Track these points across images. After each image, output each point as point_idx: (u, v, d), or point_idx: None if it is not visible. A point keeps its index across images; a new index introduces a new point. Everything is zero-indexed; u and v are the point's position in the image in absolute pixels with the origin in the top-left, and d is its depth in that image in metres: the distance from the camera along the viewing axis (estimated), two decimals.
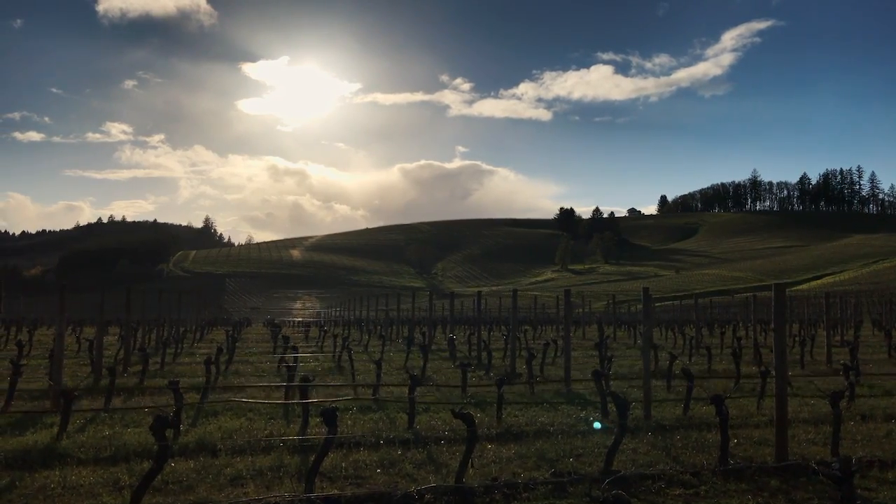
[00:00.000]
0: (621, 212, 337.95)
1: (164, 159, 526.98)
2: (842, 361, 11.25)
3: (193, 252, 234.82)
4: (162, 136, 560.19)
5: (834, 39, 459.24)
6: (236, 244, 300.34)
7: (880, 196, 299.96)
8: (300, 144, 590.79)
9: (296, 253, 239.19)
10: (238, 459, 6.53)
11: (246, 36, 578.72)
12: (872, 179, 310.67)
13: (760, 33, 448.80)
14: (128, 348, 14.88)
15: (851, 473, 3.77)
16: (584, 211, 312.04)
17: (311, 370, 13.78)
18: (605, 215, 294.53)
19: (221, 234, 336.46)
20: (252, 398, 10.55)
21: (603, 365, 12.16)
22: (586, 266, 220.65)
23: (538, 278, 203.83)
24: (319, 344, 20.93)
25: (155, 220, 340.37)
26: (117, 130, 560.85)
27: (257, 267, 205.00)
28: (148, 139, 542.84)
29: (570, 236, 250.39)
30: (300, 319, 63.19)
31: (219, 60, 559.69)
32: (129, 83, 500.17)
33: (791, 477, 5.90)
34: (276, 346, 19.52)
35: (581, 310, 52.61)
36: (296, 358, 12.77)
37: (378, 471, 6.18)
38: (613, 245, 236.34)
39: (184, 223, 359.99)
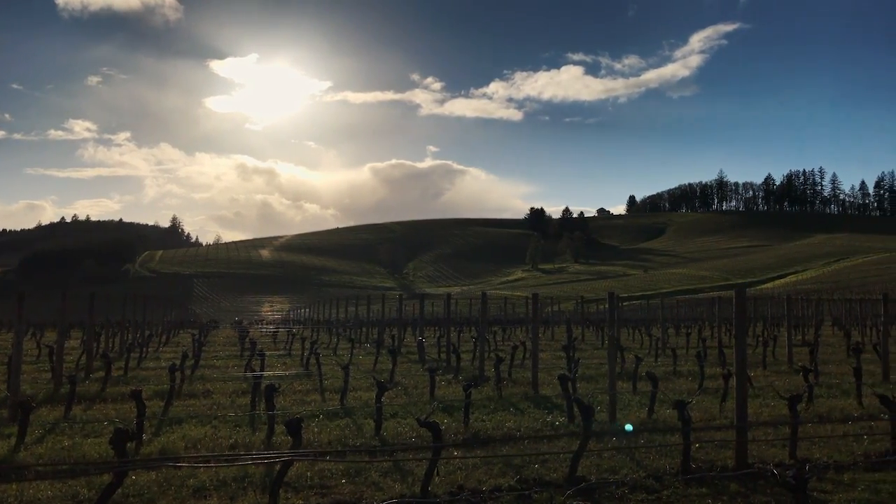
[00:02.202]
0: (591, 212, 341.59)
1: (129, 157, 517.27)
2: (800, 364, 11.52)
3: (160, 252, 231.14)
4: (127, 134, 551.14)
5: (798, 43, 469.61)
6: (204, 244, 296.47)
7: (841, 196, 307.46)
8: (269, 143, 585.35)
9: (265, 253, 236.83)
10: (202, 470, 6.45)
11: (213, 32, 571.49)
12: (834, 180, 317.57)
13: (727, 35, 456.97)
14: (90, 353, 14.59)
15: (805, 481, 3.85)
16: (554, 211, 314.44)
17: (279, 376, 13.66)
18: (575, 215, 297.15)
19: (189, 233, 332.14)
20: (218, 405, 10.44)
21: (570, 367, 12.26)
22: (556, 266, 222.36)
23: (509, 278, 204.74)
24: (288, 347, 20.74)
25: (120, 220, 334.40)
26: (81, 128, 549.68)
27: (226, 267, 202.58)
28: (113, 137, 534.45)
29: (540, 236, 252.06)
30: (269, 321, 62.59)
31: (185, 57, 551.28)
32: (93, 79, 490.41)
33: (750, 481, 6.01)
34: (243, 350, 19.30)
35: (551, 309, 52.97)
36: (263, 363, 12.66)
37: (343, 480, 6.15)
38: (583, 245, 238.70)
39: (150, 222, 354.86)
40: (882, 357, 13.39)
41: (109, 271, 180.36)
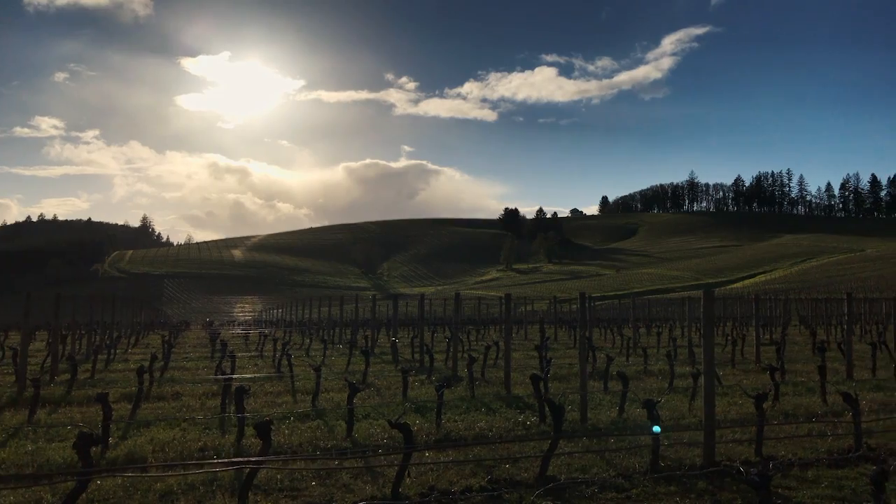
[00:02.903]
0: (564, 212, 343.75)
1: (97, 155, 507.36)
2: (767, 362, 11.72)
3: (130, 252, 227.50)
4: (96, 132, 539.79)
5: (767, 46, 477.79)
6: (175, 244, 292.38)
7: (808, 198, 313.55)
8: (242, 142, 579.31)
9: (237, 253, 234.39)
10: (170, 473, 6.36)
11: (185, 29, 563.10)
12: (801, 182, 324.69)
13: (698, 38, 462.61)
14: (55, 356, 14.30)
15: (769, 478, 3.92)
16: (528, 211, 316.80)
17: (251, 377, 13.53)
18: (549, 215, 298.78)
19: (160, 233, 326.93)
20: (187, 408, 10.32)
21: (542, 367, 12.32)
22: (530, 266, 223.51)
23: (483, 278, 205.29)
24: (259, 348, 20.56)
25: (89, 219, 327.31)
26: (47, 125, 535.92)
27: (197, 267, 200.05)
28: (80, 134, 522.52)
29: (514, 236, 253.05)
30: (241, 322, 61.99)
31: (156, 54, 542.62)
32: (60, 76, 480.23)
33: (718, 478, 6.10)
34: (214, 352, 19.09)
35: (524, 308, 53.18)
36: (234, 365, 12.53)
37: (314, 482, 6.11)
38: (556, 245, 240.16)
39: (120, 222, 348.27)
40: (846, 355, 13.68)
41: (77, 272, 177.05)
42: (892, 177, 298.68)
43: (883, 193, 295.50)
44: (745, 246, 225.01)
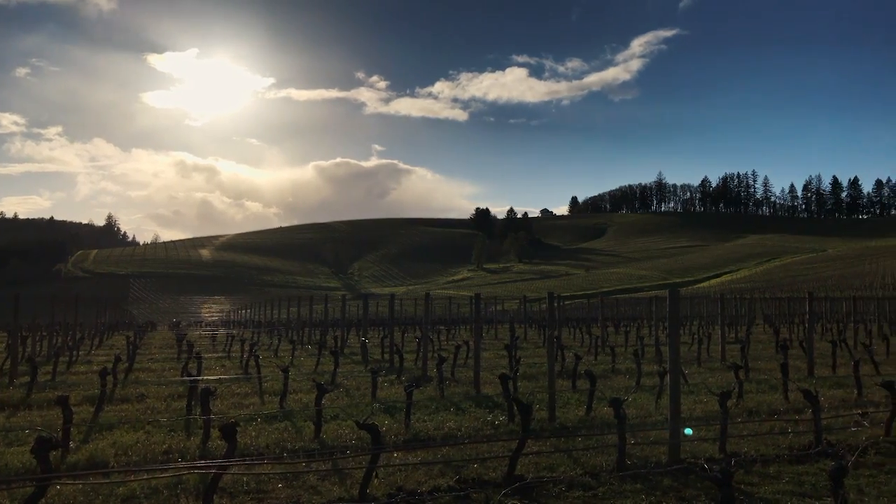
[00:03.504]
0: (535, 212, 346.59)
1: (60, 153, 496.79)
2: (731, 361, 11.92)
3: (95, 251, 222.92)
4: (58, 129, 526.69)
5: (733, 48, 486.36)
6: (142, 243, 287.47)
7: (772, 199, 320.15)
8: (210, 140, 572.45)
9: (205, 252, 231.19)
10: (133, 477, 6.24)
11: (151, 25, 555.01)
12: (766, 183, 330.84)
13: (666, 41, 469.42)
14: (14, 358, 13.95)
15: (730, 475, 3.98)
16: (499, 211, 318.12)
17: (218, 379, 13.35)
18: (520, 215, 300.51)
19: (125, 232, 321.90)
20: (152, 410, 10.14)
21: (512, 367, 12.38)
22: (501, 265, 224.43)
23: (455, 277, 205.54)
24: (227, 349, 20.30)
25: (51, 218, 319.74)
26: (8, 121, 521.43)
27: (164, 267, 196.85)
28: (42, 131, 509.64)
29: (485, 236, 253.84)
30: (209, 322, 61.16)
31: (121, 50, 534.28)
32: (22, 71, 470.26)
33: (682, 476, 6.18)
34: (180, 353, 18.80)
35: (495, 308, 53.36)
36: (200, 366, 12.35)
37: (280, 484, 6.05)
38: (527, 245, 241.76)
39: (84, 221, 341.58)
40: (807, 353, 13.98)
41: (39, 271, 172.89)
42: (851, 179, 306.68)
43: (843, 195, 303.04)
44: (711, 246, 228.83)
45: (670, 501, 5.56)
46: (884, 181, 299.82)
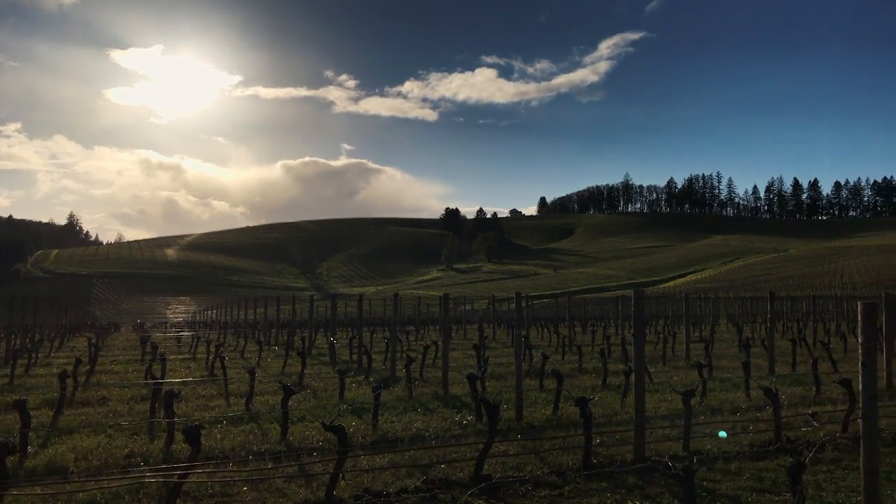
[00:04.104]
0: (504, 212, 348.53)
1: (19, 150, 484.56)
2: (695, 360, 12.11)
3: (56, 251, 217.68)
4: (17, 125, 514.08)
5: (698, 52, 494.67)
6: (105, 243, 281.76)
7: (736, 200, 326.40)
8: (175, 138, 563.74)
9: (171, 252, 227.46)
10: (93, 482, 6.11)
11: (114, 21, 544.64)
12: (730, 184, 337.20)
13: (633, 43, 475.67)
14: None
15: (693, 473, 4.05)
16: (468, 211, 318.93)
17: (182, 381, 13.15)
18: (489, 215, 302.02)
19: (88, 231, 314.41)
20: (114, 413, 9.94)
21: (480, 366, 12.42)
22: (471, 265, 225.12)
23: (424, 277, 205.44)
24: (192, 350, 20.00)
25: (10, 217, 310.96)
26: None
27: (128, 267, 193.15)
28: (1, 128, 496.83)
29: (455, 236, 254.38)
30: (174, 323, 60.20)
31: (83, 45, 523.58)
32: None
33: (647, 473, 6.26)
34: (144, 354, 18.47)
35: (464, 308, 53.46)
36: (164, 368, 12.15)
37: (245, 487, 5.98)
38: (496, 245, 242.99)
39: (44, 220, 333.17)
40: (769, 351, 14.28)
41: None
42: (812, 181, 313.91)
43: (804, 196, 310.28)
44: (676, 246, 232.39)
45: (635, 499, 5.63)
46: (842, 183, 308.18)
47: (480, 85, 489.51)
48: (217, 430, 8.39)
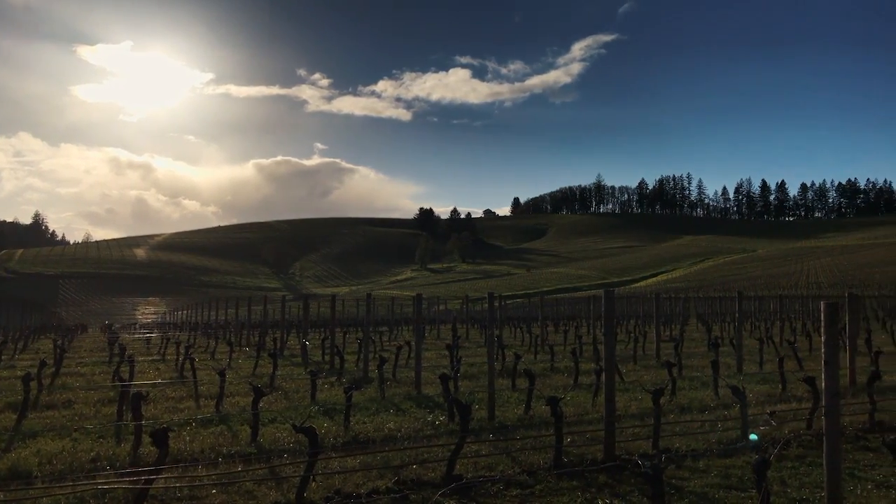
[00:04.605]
0: (478, 212, 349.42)
1: None
2: (665, 359, 12.25)
3: (20, 251, 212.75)
4: None
5: (669, 54, 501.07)
6: (72, 242, 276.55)
7: (706, 201, 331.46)
8: (145, 136, 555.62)
9: (140, 252, 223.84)
10: (58, 487, 6.00)
11: (81, 16, 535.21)
12: (700, 186, 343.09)
13: (606, 45, 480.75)
14: None
15: (661, 471, 4.10)
16: (442, 211, 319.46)
17: (151, 382, 12.95)
18: (463, 216, 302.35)
19: (54, 231, 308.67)
20: (80, 416, 9.77)
21: (453, 366, 12.43)
22: (445, 265, 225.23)
23: (398, 277, 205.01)
24: (162, 352, 19.70)
25: None
26: None
27: (96, 267, 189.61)
28: None
29: (429, 236, 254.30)
30: (143, 324, 59.28)
31: (49, 41, 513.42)
32: None
33: (617, 472, 6.32)
34: (112, 356, 18.15)
35: (438, 308, 53.47)
36: (132, 370, 11.96)
37: (215, 490, 5.92)
38: (470, 245, 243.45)
39: (8, 219, 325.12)
40: (737, 350, 14.51)
41: None
42: (779, 182, 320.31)
43: (772, 198, 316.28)
44: (647, 246, 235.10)
45: (605, 497, 5.69)
46: (808, 185, 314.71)
47: (454, 85, 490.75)
48: (186, 432, 8.28)
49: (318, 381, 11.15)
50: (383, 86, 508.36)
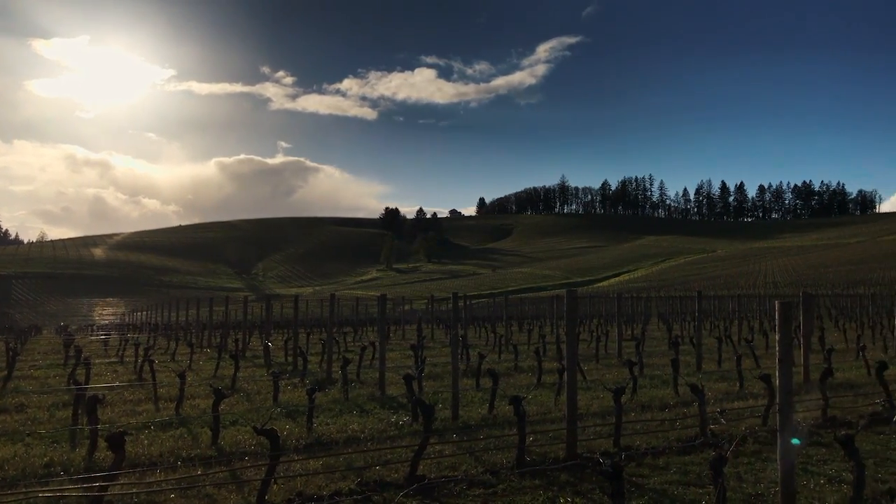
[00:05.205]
0: (444, 212, 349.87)
1: None
2: (626, 358, 12.42)
3: None
4: None
5: (633, 56, 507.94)
6: (26, 241, 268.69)
7: (668, 202, 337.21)
8: (103, 133, 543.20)
9: (98, 252, 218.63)
10: (9, 494, 5.82)
11: (36, 9, 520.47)
12: (661, 187, 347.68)
13: (570, 47, 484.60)
14: None
15: (621, 469, 4.15)
16: (408, 211, 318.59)
17: (108, 385, 12.67)
18: (429, 216, 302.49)
19: (7, 230, 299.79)
20: (33, 421, 9.50)
21: (417, 367, 12.41)
22: (410, 265, 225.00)
23: (364, 277, 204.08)
24: (120, 354, 19.28)
25: None
26: None
27: (52, 267, 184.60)
28: None
29: (394, 236, 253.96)
30: (101, 326, 57.93)
31: (2, 34, 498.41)
32: None
33: (579, 470, 6.39)
34: (67, 358, 17.69)
35: (404, 308, 53.36)
36: (89, 372, 11.68)
37: (174, 495, 5.81)
38: (436, 245, 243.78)
39: None
40: (696, 349, 14.79)
41: None
42: (738, 184, 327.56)
43: (731, 199, 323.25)
44: (610, 247, 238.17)
45: (567, 496, 5.74)
46: (766, 186, 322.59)
47: (420, 85, 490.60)
48: (144, 435, 8.12)
49: (281, 382, 11.04)
50: (348, 84, 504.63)
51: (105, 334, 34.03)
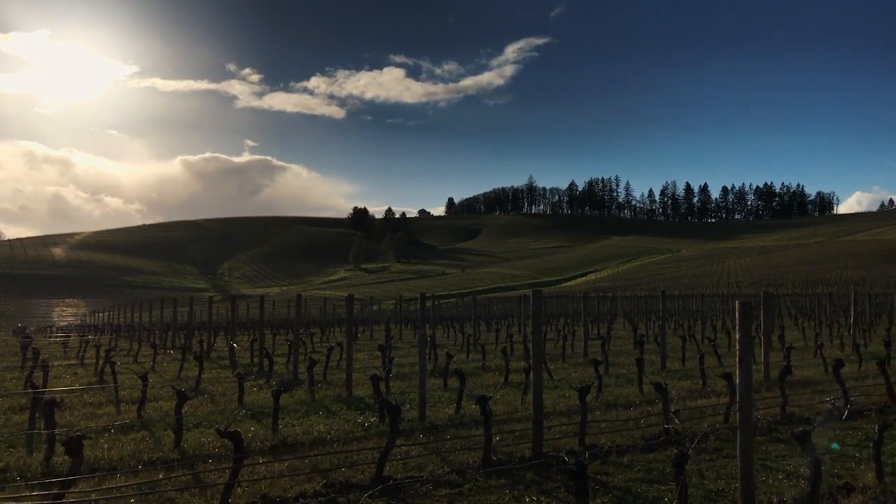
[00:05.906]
0: (412, 212, 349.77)
1: None
2: (592, 357, 12.55)
3: None
4: None
5: (599, 58, 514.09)
6: None
7: (633, 202, 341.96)
8: (64, 129, 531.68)
9: (58, 251, 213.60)
10: None
11: None
12: (627, 188, 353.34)
13: (538, 48, 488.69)
14: None
15: (585, 467, 4.18)
16: (377, 211, 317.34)
17: (68, 388, 12.37)
18: (398, 215, 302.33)
19: None
20: None
21: (385, 367, 12.37)
22: (379, 265, 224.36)
23: (332, 277, 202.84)
24: (80, 356, 18.85)
25: None
26: None
27: (9, 267, 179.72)
28: None
29: (363, 235, 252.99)
30: (61, 327, 56.60)
31: None
32: None
33: (545, 469, 6.43)
34: (25, 361, 17.23)
35: (372, 308, 53.14)
36: (46, 375, 11.39)
37: (134, 499, 5.70)
38: (405, 244, 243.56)
39: None
40: (661, 348, 15.00)
41: None
42: (702, 185, 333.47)
43: (695, 200, 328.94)
44: (577, 247, 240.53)
45: (532, 495, 5.77)
46: (729, 188, 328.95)
47: (388, 84, 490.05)
48: (104, 439, 7.96)
49: (246, 383, 10.91)
50: (316, 82, 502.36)
51: (65, 336, 33.24)
